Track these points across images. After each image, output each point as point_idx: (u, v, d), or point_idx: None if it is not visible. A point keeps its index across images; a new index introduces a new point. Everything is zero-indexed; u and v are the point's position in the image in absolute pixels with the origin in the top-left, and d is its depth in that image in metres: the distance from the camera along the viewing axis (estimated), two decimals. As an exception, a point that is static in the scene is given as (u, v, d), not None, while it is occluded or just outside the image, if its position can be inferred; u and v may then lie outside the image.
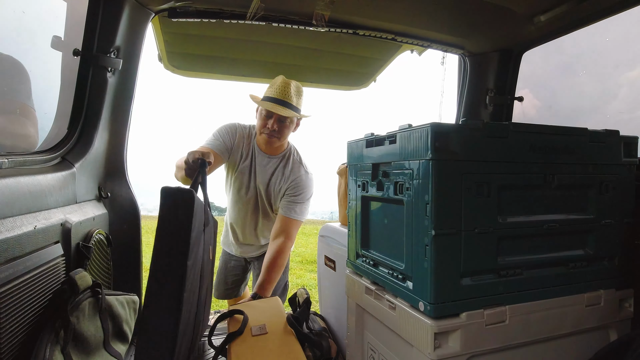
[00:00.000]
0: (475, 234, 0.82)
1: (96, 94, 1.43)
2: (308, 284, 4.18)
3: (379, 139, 1.00)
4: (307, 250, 5.53)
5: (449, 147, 0.79)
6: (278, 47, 1.84)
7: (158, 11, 1.47)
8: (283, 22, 1.54)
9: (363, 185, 1.08)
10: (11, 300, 0.85)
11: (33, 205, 1.02)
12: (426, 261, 0.81)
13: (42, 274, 0.98)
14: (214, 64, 2.01)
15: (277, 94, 1.66)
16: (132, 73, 1.53)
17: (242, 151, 1.78)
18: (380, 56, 1.96)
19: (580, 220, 0.95)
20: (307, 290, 1.51)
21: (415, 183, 0.83)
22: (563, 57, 1.83)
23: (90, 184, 1.45)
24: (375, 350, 1.06)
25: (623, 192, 0.98)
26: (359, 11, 1.52)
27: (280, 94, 1.65)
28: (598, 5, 1.31)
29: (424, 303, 0.81)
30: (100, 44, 1.38)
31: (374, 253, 1.06)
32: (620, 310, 0.98)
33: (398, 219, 0.92)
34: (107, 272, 1.46)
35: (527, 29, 1.55)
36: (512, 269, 0.87)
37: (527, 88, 1.85)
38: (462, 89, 1.93)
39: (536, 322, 0.88)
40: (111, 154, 1.57)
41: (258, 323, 1.28)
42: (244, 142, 1.79)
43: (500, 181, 0.85)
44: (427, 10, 1.50)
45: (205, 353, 1.60)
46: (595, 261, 0.96)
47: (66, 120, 1.39)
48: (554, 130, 0.91)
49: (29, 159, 1.15)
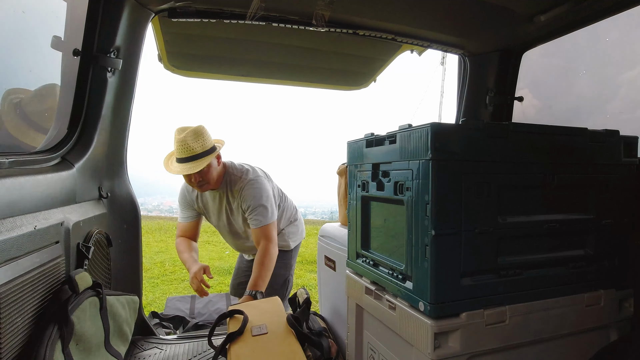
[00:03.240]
0: (475, 234, 0.82)
1: (96, 94, 1.43)
2: (308, 284, 4.18)
3: (379, 139, 1.00)
4: (307, 250, 5.53)
5: (449, 147, 0.79)
6: (278, 47, 1.84)
7: (158, 11, 1.47)
8: (283, 22, 1.54)
9: (363, 185, 1.08)
10: (11, 300, 0.85)
11: (33, 205, 1.02)
12: (426, 261, 0.81)
13: (42, 274, 0.98)
14: (214, 64, 2.01)
15: (179, 153, 1.62)
16: (132, 73, 1.53)
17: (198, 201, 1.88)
18: (380, 56, 1.96)
19: (580, 220, 0.95)
20: (307, 290, 1.51)
21: (415, 183, 0.83)
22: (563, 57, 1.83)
23: (90, 184, 1.45)
24: (375, 350, 1.06)
25: (623, 192, 0.98)
26: (359, 11, 1.52)
27: (182, 151, 1.61)
28: (598, 5, 1.31)
29: (424, 303, 0.81)
30: (100, 44, 1.38)
31: (374, 253, 1.06)
32: (620, 310, 0.98)
33: (398, 219, 0.92)
34: (107, 272, 1.46)
35: (527, 29, 1.55)
36: (512, 269, 0.87)
37: (527, 88, 1.85)
38: (462, 89, 1.93)
39: (536, 322, 0.88)
40: (111, 154, 1.57)
41: (258, 323, 1.28)
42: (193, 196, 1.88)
43: (500, 181, 0.85)
44: (427, 10, 1.50)
45: (205, 353, 1.60)
46: (595, 261, 0.96)
47: (66, 120, 1.39)
48: (554, 130, 0.91)
49: (29, 159, 1.15)
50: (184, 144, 1.60)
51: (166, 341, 1.72)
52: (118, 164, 1.63)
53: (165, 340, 1.72)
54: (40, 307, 0.96)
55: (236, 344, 1.20)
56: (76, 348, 0.94)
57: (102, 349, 1.09)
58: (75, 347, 0.94)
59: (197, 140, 1.63)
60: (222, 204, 1.84)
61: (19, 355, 0.87)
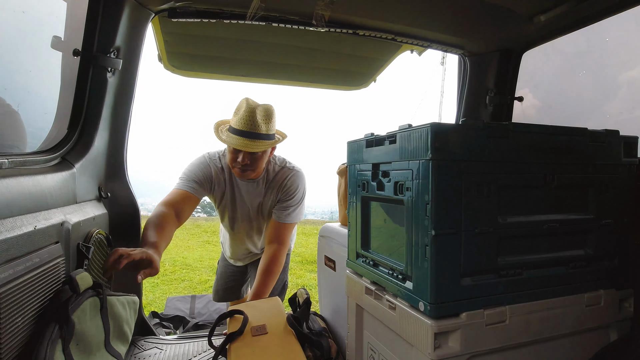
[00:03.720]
0: (475, 234, 0.82)
1: (96, 94, 1.43)
2: (308, 284, 4.18)
3: (379, 139, 1.00)
4: (307, 250, 5.54)
5: (449, 147, 0.79)
6: (278, 47, 1.83)
7: (158, 11, 1.47)
8: (283, 22, 1.54)
9: (363, 185, 1.08)
10: (11, 300, 0.85)
11: (33, 205, 1.02)
12: (426, 261, 0.81)
13: (42, 274, 0.98)
14: (214, 64, 2.01)
15: (243, 124, 1.45)
16: (132, 73, 1.53)
17: (221, 185, 1.63)
18: (380, 56, 1.96)
19: (580, 220, 0.95)
20: (307, 290, 1.51)
21: (415, 183, 0.83)
22: (563, 57, 1.83)
23: (90, 184, 1.45)
24: (375, 350, 1.06)
25: (623, 192, 0.98)
26: (359, 11, 1.52)
27: (246, 124, 1.45)
28: (598, 5, 1.31)
29: (424, 303, 0.81)
30: (100, 44, 1.38)
31: (374, 253, 1.06)
32: (620, 310, 0.98)
33: (398, 219, 0.92)
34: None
35: (527, 29, 1.55)
36: (512, 269, 0.87)
37: (527, 88, 1.85)
38: (462, 89, 1.93)
39: (536, 322, 0.88)
40: (111, 154, 1.57)
41: (258, 323, 1.28)
42: (222, 176, 1.63)
43: (500, 181, 0.85)
44: (427, 10, 1.50)
45: (205, 353, 1.60)
46: (595, 261, 0.96)
47: (66, 120, 1.39)
48: (554, 130, 0.91)
49: (29, 159, 1.15)
50: (252, 118, 1.45)
51: (166, 341, 1.72)
52: (118, 164, 1.63)
53: (165, 340, 1.72)
54: (40, 307, 0.96)
55: (236, 344, 1.20)
56: (76, 348, 0.94)
57: (103, 349, 1.09)
58: (76, 347, 0.94)
59: (266, 120, 1.48)
60: (256, 198, 1.65)
61: (19, 356, 0.87)
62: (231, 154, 1.51)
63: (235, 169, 1.52)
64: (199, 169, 1.61)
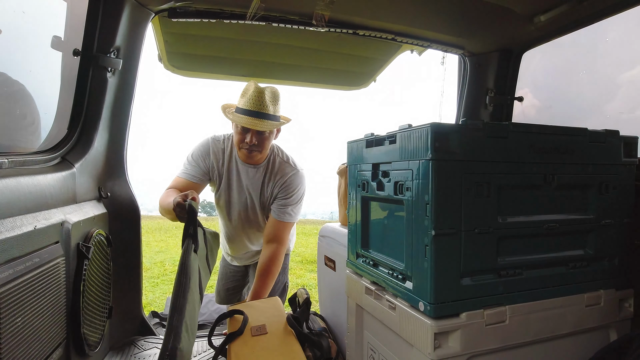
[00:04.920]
0: (475, 234, 0.82)
1: (96, 94, 1.43)
2: (308, 284, 4.19)
3: (379, 139, 1.00)
4: (307, 250, 5.54)
5: (449, 147, 0.79)
6: (278, 47, 1.84)
7: (158, 11, 1.47)
8: (283, 22, 1.54)
9: (363, 185, 1.08)
10: (11, 300, 0.85)
11: (33, 205, 1.02)
12: (426, 261, 0.81)
13: (42, 274, 0.98)
14: (214, 64, 2.01)
15: (251, 104, 1.49)
16: (132, 73, 1.54)
17: (222, 168, 1.64)
18: (380, 56, 1.97)
19: (580, 220, 0.95)
20: (307, 290, 1.51)
21: (415, 183, 0.83)
22: (563, 57, 1.83)
23: (90, 184, 1.45)
24: (375, 350, 1.06)
25: (623, 192, 0.98)
26: (359, 11, 1.52)
27: (255, 104, 1.48)
28: (598, 5, 1.31)
29: (424, 303, 0.81)
30: (100, 44, 1.38)
31: (374, 253, 1.06)
32: (620, 310, 0.98)
33: (398, 219, 0.92)
34: (107, 272, 1.46)
35: (527, 29, 1.55)
36: (512, 269, 0.87)
37: (527, 88, 1.85)
38: (462, 89, 1.93)
39: (536, 322, 0.88)
40: (111, 154, 1.57)
41: (258, 323, 1.29)
42: (222, 158, 1.64)
43: (500, 181, 0.85)
44: (427, 10, 1.50)
45: (205, 353, 1.60)
46: (595, 261, 0.96)
47: (66, 120, 1.39)
48: (554, 130, 0.91)
49: (29, 159, 1.15)
50: (260, 99, 1.49)
51: (166, 341, 1.71)
52: (118, 164, 1.63)
53: (165, 340, 1.72)
54: (39, 307, 0.96)
55: (236, 344, 1.21)
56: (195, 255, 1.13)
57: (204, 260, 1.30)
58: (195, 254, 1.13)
59: (273, 101, 1.54)
60: (257, 184, 1.65)
61: (19, 356, 0.87)
62: (239, 134, 1.53)
63: (243, 150, 1.54)
64: (201, 154, 1.63)
